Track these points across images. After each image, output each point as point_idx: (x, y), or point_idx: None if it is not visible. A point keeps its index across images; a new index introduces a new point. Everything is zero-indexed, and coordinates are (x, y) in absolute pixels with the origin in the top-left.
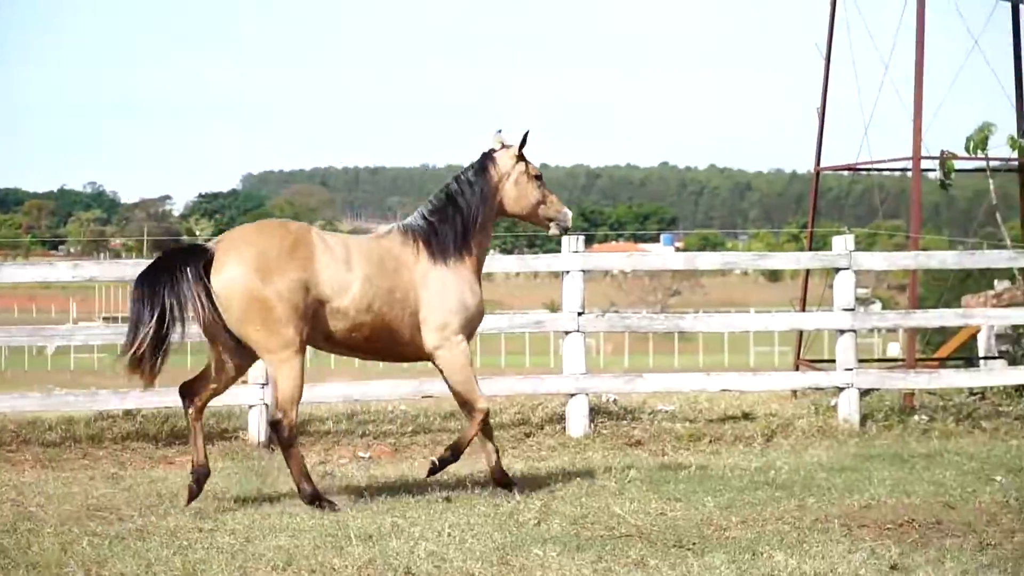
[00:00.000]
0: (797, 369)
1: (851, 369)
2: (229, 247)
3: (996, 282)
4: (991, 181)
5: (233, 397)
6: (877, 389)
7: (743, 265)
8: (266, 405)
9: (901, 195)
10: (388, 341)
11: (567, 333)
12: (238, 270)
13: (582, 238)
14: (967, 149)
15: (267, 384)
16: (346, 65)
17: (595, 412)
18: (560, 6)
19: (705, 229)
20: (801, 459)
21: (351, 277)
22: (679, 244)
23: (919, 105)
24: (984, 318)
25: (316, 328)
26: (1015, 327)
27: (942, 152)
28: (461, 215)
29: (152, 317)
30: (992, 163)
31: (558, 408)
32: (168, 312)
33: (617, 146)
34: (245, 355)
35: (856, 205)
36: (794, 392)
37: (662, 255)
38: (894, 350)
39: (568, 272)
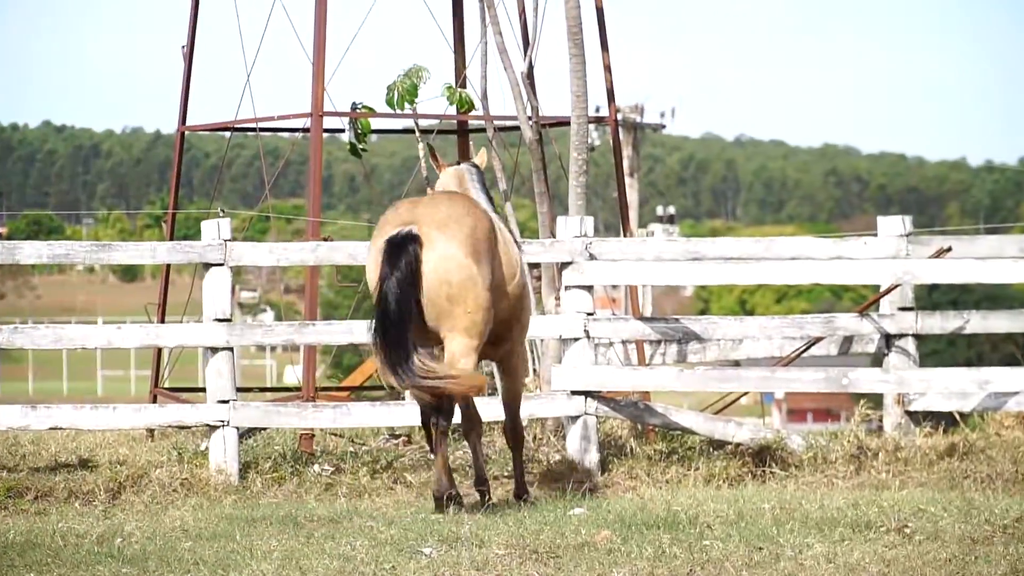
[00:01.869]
0: (155, 400)
1: (227, 401)
2: (441, 224)
3: None
4: (422, 144)
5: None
6: (263, 429)
7: (79, 258)
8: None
9: (307, 164)
10: (504, 334)
11: None
12: (457, 250)
13: None
14: (390, 103)
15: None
16: None
17: None
18: None
19: (38, 210)
20: (159, 523)
21: (515, 262)
22: (2, 230)
23: (322, 44)
24: None
25: None
26: None
27: (353, 106)
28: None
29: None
30: (424, 121)
31: None
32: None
33: None
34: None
35: (244, 178)
36: (151, 432)
37: None
38: (294, 376)
39: None
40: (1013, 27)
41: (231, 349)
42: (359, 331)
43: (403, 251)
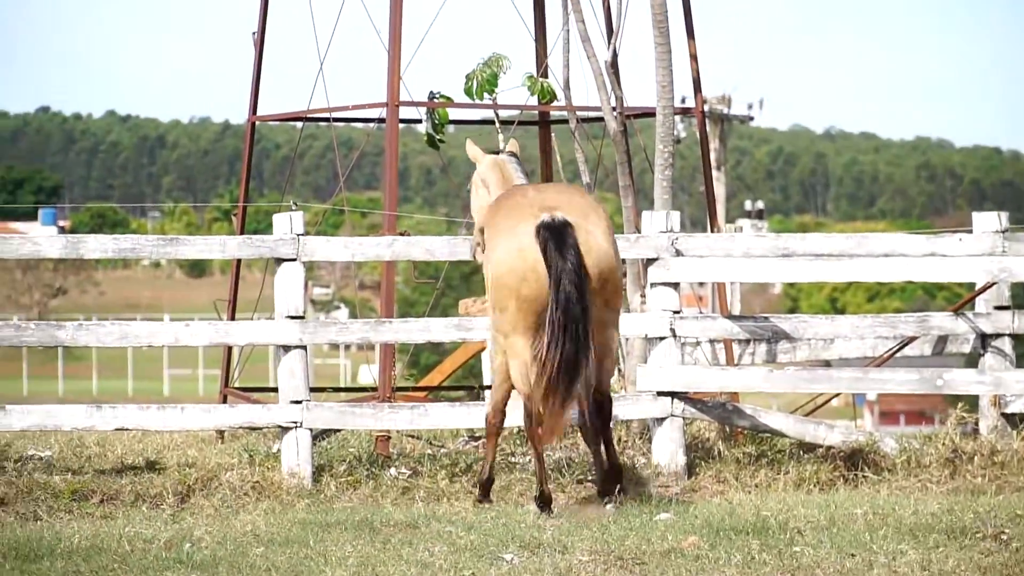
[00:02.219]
0: (225, 400)
1: (300, 402)
2: (583, 214)
3: None
4: (502, 136)
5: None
6: (338, 430)
7: (146, 252)
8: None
9: (382, 156)
10: None
11: None
12: (603, 240)
13: None
14: (469, 93)
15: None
16: None
17: None
18: None
19: (102, 202)
20: (230, 527)
21: (618, 252)
22: (65, 223)
23: (398, 31)
24: (489, 330)
25: None
26: None
27: (431, 95)
28: None
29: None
30: (504, 112)
31: None
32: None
33: None
34: None
35: (316, 170)
36: (221, 433)
37: (40, 238)
38: (369, 376)
39: None
40: None
41: (304, 347)
42: (437, 329)
43: (567, 238)
